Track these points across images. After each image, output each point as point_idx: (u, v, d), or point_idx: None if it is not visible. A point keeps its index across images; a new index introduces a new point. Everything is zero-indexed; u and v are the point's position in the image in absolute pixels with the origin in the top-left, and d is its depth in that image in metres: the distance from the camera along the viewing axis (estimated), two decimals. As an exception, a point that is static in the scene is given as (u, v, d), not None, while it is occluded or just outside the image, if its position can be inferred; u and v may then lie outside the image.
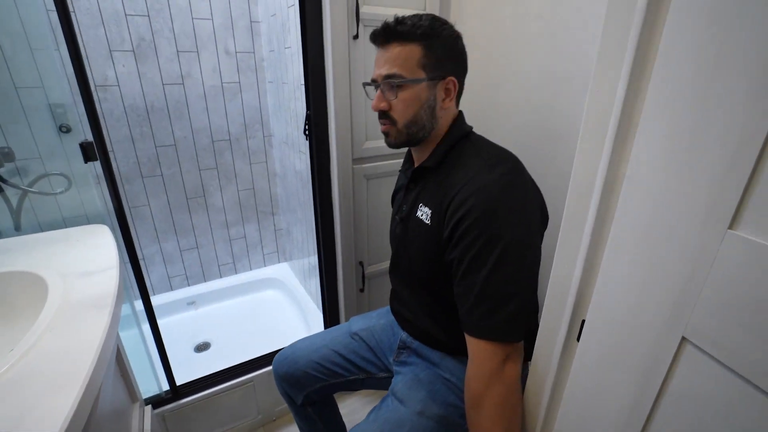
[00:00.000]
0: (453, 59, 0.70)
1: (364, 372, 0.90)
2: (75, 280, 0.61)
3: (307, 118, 1.11)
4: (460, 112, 0.77)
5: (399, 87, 0.68)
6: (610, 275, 0.43)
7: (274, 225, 2.08)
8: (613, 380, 0.44)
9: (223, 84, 1.71)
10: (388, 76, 0.68)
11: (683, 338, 0.35)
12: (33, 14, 1.05)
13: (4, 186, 1.00)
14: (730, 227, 0.31)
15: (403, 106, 0.69)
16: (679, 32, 0.33)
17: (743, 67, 0.28)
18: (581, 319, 0.49)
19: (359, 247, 1.23)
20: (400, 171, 0.93)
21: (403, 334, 0.87)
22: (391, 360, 0.88)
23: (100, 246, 0.74)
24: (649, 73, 0.36)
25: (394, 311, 0.91)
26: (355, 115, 1.08)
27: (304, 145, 1.47)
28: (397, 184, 0.92)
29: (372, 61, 1.04)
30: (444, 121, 0.73)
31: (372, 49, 1.03)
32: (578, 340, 0.50)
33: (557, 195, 0.73)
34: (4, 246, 0.76)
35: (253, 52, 1.73)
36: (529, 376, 0.60)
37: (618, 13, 0.38)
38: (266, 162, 1.94)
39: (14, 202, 1.03)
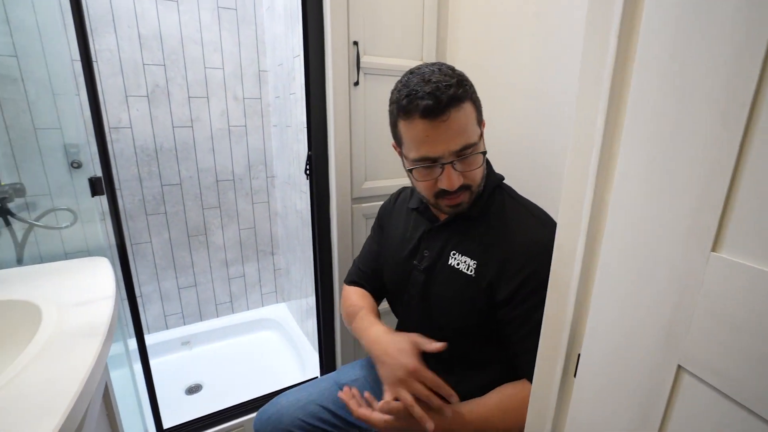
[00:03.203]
0: (479, 102, 0.69)
1: (354, 427, 0.84)
2: (70, 309, 0.61)
3: (309, 158, 1.15)
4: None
5: (475, 157, 0.64)
6: (602, 307, 0.43)
7: (274, 264, 2.08)
8: (612, 415, 0.42)
9: (230, 127, 1.79)
10: (466, 147, 0.62)
11: (679, 366, 0.34)
12: (59, 63, 1.12)
13: (11, 220, 1.03)
14: (713, 249, 0.31)
15: (479, 170, 0.67)
16: (646, 75, 0.36)
17: (709, 94, 0.30)
18: (577, 353, 0.49)
19: (357, 285, 1.22)
20: (398, 207, 0.89)
21: None
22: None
23: (97, 276, 0.75)
24: (624, 111, 0.38)
25: None
26: (354, 156, 1.13)
27: (305, 184, 1.51)
28: (398, 219, 0.86)
29: (372, 104, 1.12)
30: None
31: (372, 91, 1.11)
32: (575, 375, 0.49)
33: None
34: (4, 276, 0.77)
35: (260, 98, 1.83)
36: (528, 415, 0.58)
37: (591, 63, 0.41)
38: (268, 202, 1.97)
39: (20, 235, 1.06)
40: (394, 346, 0.66)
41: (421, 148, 0.63)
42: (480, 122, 0.66)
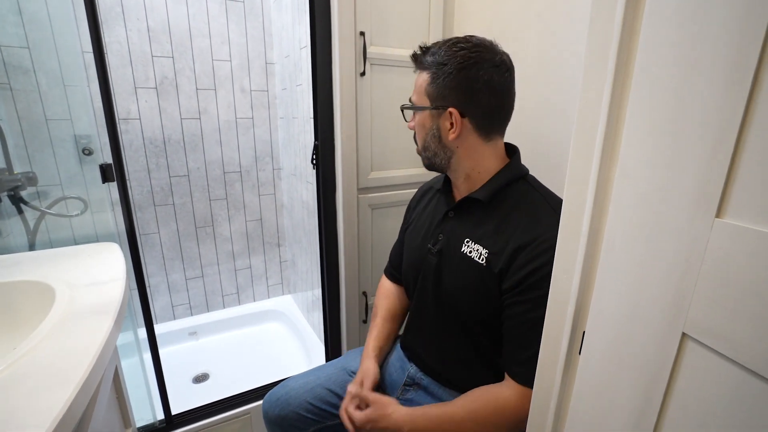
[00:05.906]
0: (456, 89, 0.66)
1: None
2: (82, 289, 0.62)
3: (315, 148, 1.15)
4: (516, 150, 0.75)
5: (412, 112, 0.74)
6: (606, 282, 0.43)
7: (280, 256, 2.09)
8: (618, 389, 0.43)
9: (237, 119, 1.80)
10: (405, 104, 0.75)
11: (684, 334, 0.35)
12: (70, 54, 1.14)
13: (24, 207, 1.05)
14: (717, 215, 0.31)
15: (417, 131, 0.75)
16: (652, 43, 0.36)
17: (713, 62, 0.31)
18: (582, 331, 0.49)
19: (363, 276, 1.23)
20: (426, 188, 0.91)
21: (412, 369, 0.83)
22: (394, 397, 0.83)
23: (108, 260, 0.76)
24: (630, 81, 0.38)
25: (406, 346, 0.87)
26: (361, 146, 1.13)
27: (311, 175, 1.51)
28: (424, 201, 0.88)
29: (378, 94, 1.13)
30: (478, 154, 0.71)
31: (378, 81, 1.12)
32: (580, 353, 0.49)
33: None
34: (17, 260, 0.78)
35: (267, 91, 1.84)
36: (533, 396, 0.58)
37: (599, 22, 0.41)
38: (274, 194, 1.99)
39: (32, 223, 1.08)
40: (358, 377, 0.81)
41: None
42: (432, 98, 0.69)
